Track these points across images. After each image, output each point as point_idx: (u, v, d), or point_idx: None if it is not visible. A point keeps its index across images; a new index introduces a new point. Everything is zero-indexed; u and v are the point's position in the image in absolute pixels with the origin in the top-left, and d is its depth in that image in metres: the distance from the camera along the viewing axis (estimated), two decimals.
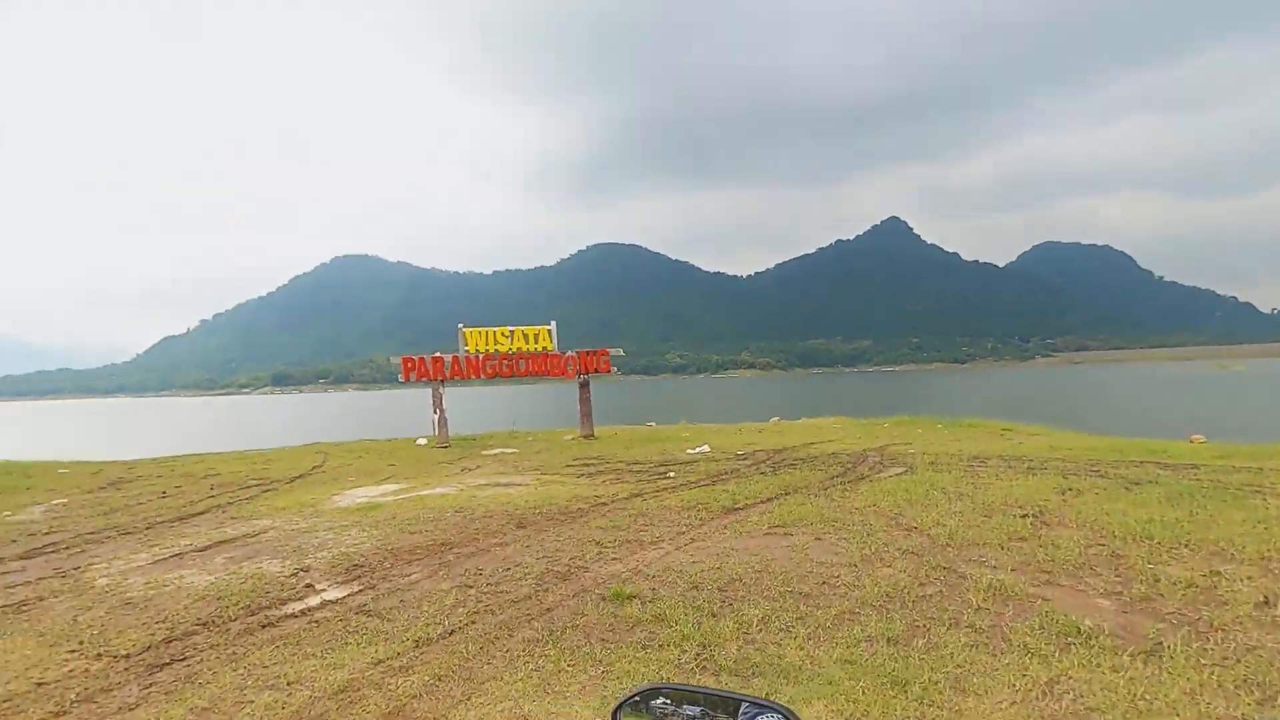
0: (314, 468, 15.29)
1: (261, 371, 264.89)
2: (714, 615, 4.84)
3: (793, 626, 4.58)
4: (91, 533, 8.87)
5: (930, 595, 5.05)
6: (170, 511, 10.31)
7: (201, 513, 10.07)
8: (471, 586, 5.72)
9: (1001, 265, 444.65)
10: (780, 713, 1.24)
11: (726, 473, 11.53)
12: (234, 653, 4.53)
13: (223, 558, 7.07)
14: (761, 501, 8.68)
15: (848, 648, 4.22)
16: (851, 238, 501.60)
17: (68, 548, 8.01)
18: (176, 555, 7.31)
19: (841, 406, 32.45)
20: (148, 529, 9.01)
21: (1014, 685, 3.67)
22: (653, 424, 25.97)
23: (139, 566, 6.88)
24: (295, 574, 6.31)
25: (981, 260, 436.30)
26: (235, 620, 5.14)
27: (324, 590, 5.83)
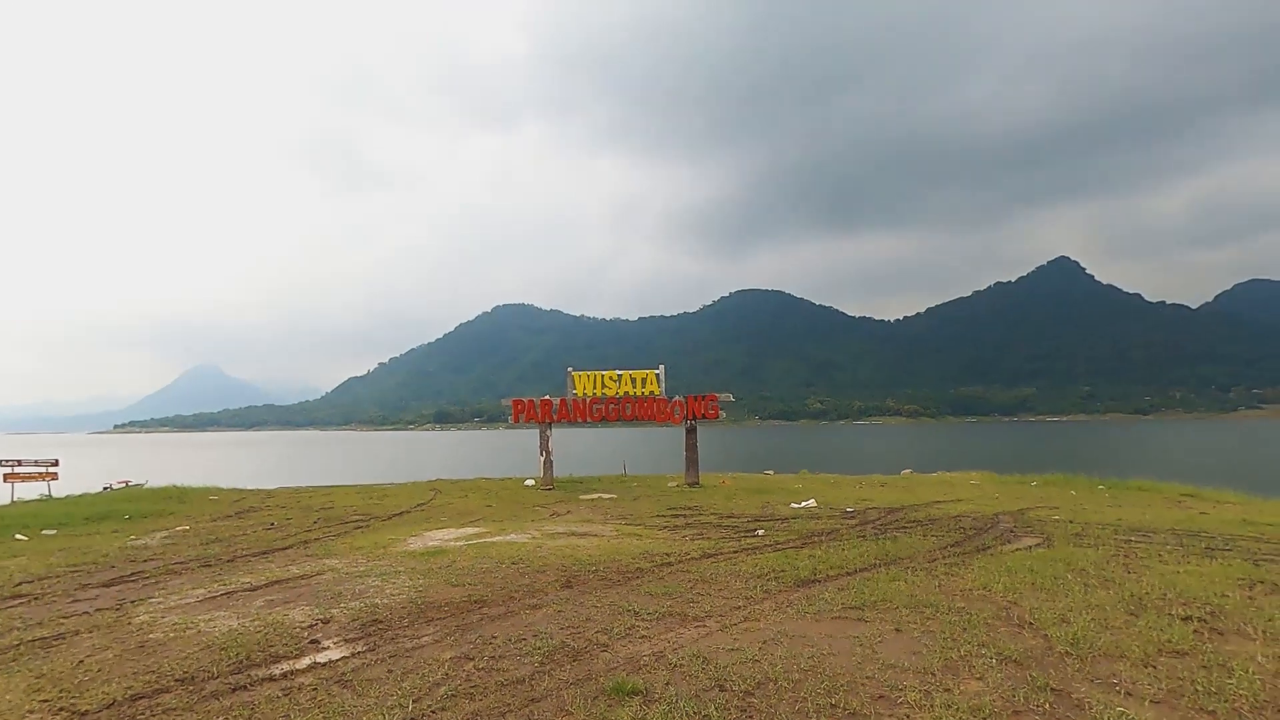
0: (418, 505, 15.55)
1: (426, 409, 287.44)
2: None
3: None
4: (180, 563, 9.23)
5: None
6: (262, 544, 10.63)
7: (286, 548, 10.27)
8: (472, 659, 5.07)
9: (1195, 307, 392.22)
10: None
11: (822, 534, 10.21)
12: None
13: (263, 600, 6.94)
14: (846, 574, 7.41)
15: None
16: (1013, 279, 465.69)
17: (147, 578, 8.31)
18: (227, 594, 7.29)
19: (988, 460, 29.15)
20: (229, 561, 9.25)
21: None
22: (770, 472, 24.53)
23: (185, 604, 6.89)
24: (313, 625, 5.99)
25: (1169, 301, 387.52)
26: (216, 678, 4.81)
27: (326, 648, 5.42)
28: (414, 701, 4.33)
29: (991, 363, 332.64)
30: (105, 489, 21.23)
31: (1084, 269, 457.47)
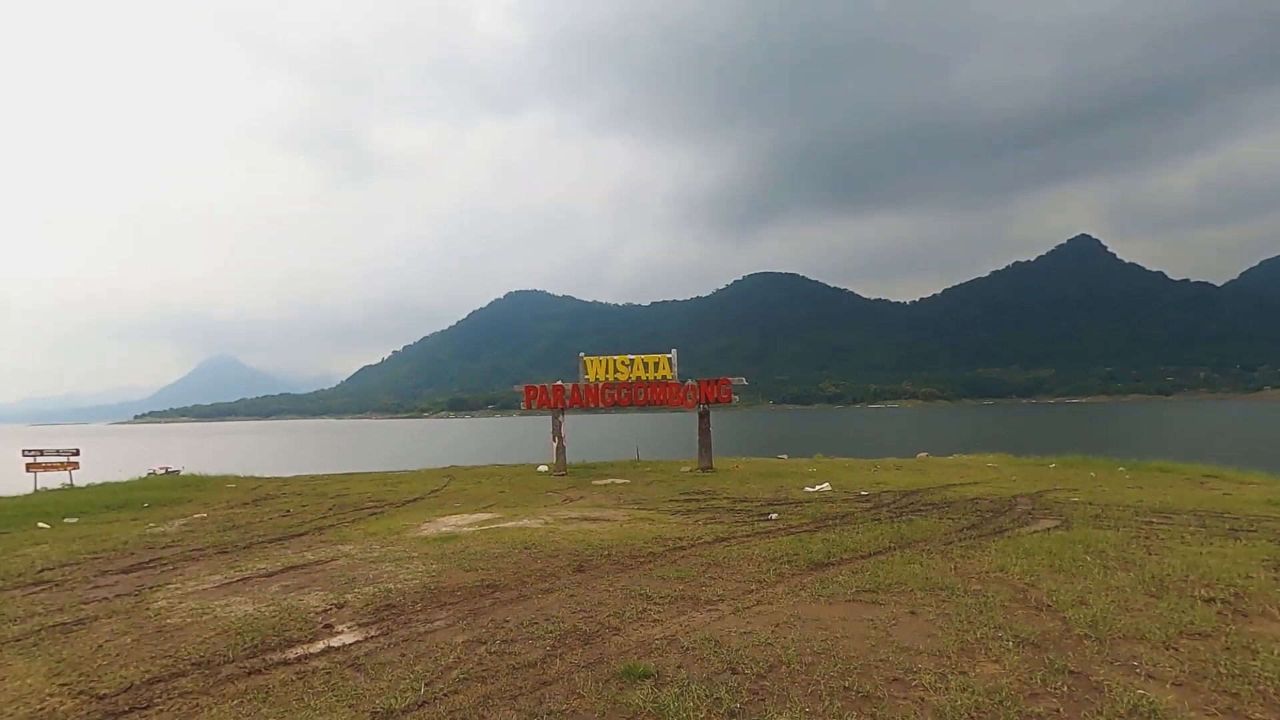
0: (432, 491, 15.63)
1: (440, 397, 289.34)
2: (731, 716, 3.81)
3: None
4: (198, 549, 9.33)
5: (1040, 716, 3.68)
6: (278, 530, 10.72)
7: (302, 534, 10.34)
8: (484, 643, 5.08)
9: (1220, 285, 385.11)
10: None
11: (836, 517, 10.15)
12: (198, 704, 4.18)
13: (279, 585, 6.99)
14: (860, 556, 7.35)
15: None
16: (1032, 259, 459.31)
17: (165, 564, 8.40)
18: (243, 579, 7.35)
19: (1005, 442, 28.89)
20: (246, 548, 9.33)
21: None
22: (784, 456, 24.45)
23: (203, 590, 6.96)
24: (327, 609, 6.03)
25: (1193, 279, 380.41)
26: (232, 662, 4.85)
27: (341, 633, 5.45)
28: (426, 684, 4.34)
29: (1009, 344, 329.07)
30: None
31: (1105, 247, 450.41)
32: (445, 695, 4.18)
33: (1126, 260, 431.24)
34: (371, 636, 5.34)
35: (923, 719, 3.70)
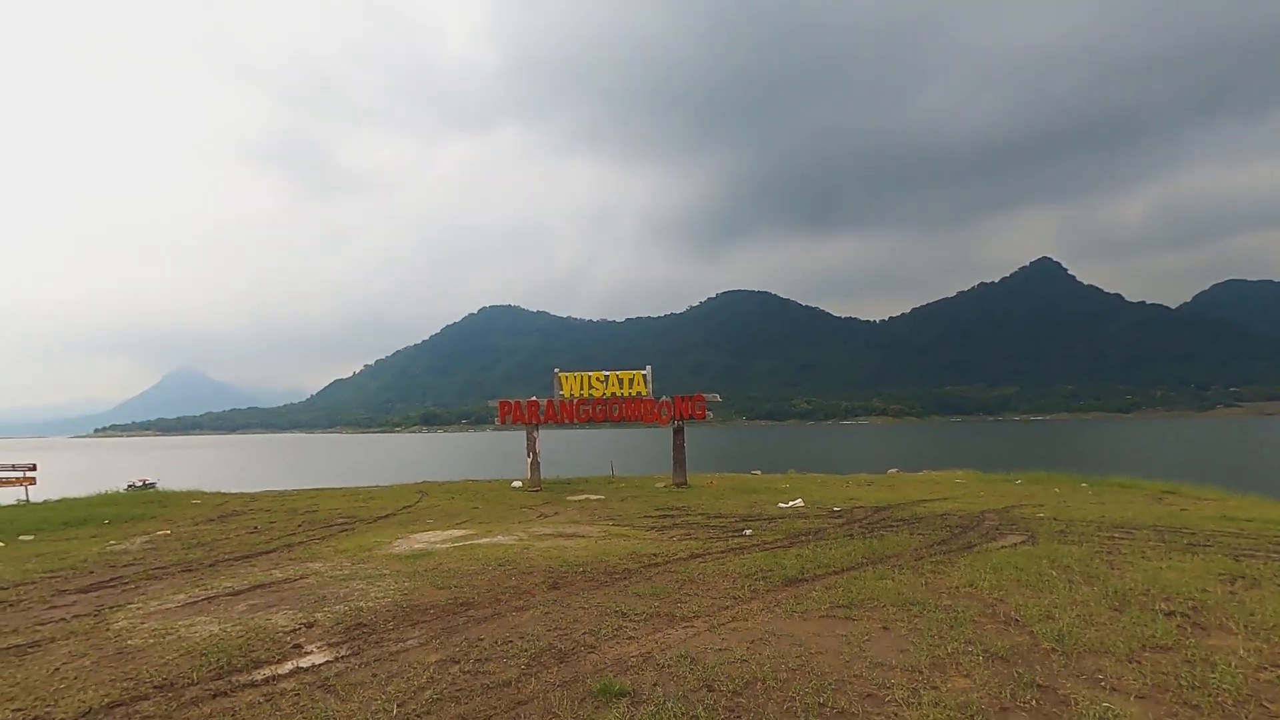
0: (404, 507, 15.41)
1: (413, 411, 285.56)
2: None
3: None
4: (160, 568, 9.08)
5: None
6: (245, 548, 10.47)
7: (270, 551, 10.13)
8: (458, 662, 5.02)
9: (1174, 307, 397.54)
10: None
11: (810, 533, 10.22)
12: None
13: (245, 605, 6.83)
14: (834, 572, 7.42)
15: None
16: (996, 280, 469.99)
17: (126, 583, 8.16)
18: (209, 598, 7.17)
19: (973, 458, 29.38)
20: (211, 566, 9.11)
21: None
22: (757, 472, 24.56)
23: (166, 609, 6.77)
24: (296, 629, 5.90)
25: (1149, 301, 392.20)
26: (196, 684, 4.72)
27: (310, 653, 5.34)
28: (398, 705, 4.28)
29: (975, 362, 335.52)
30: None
31: (1065, 269, 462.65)
32: (418, 716, 4.13)
33: (1086, 282, 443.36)
34: (342, 656, 5.24)
35: None
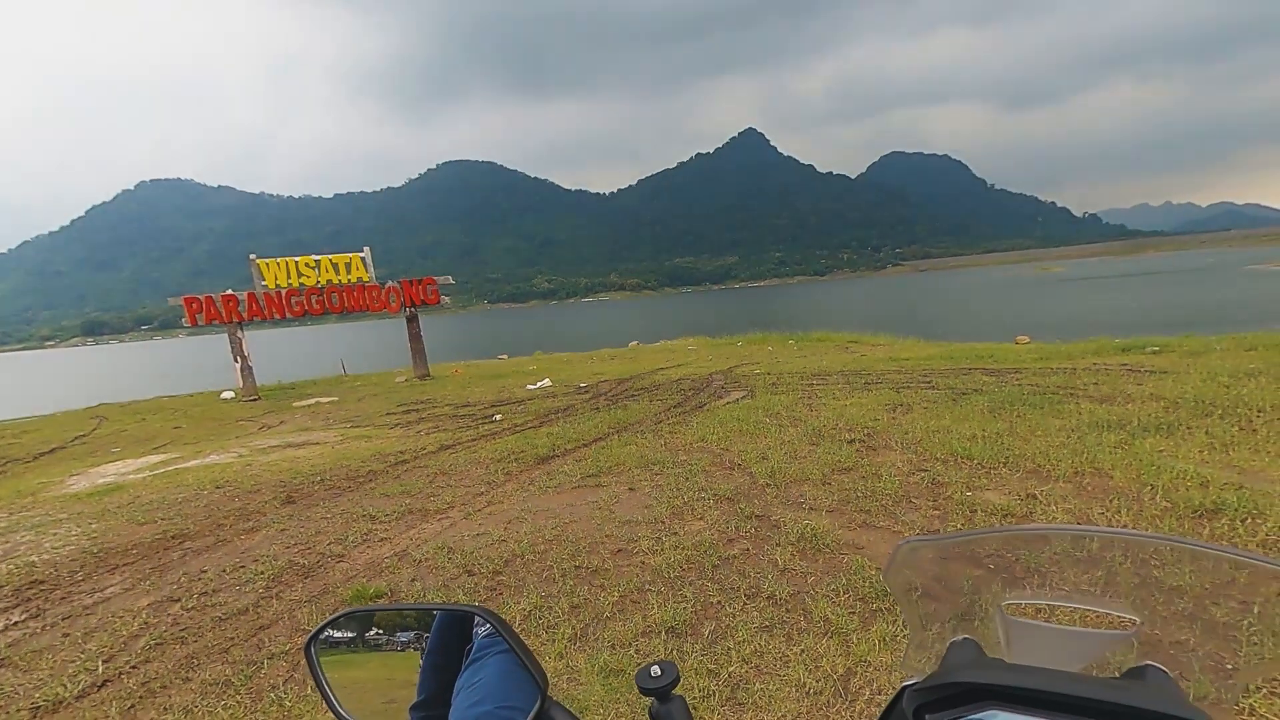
0: (76, 438, 12.89)
1: (68, 320, 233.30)
2: None
3: (561, 622, 3.68)
4: None
5: (735, 557, 4.31)
6: None
7: None
8: (178, 600, 4.40)
9: (854, 176, 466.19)
10: (477, 613, 0.88)
11: (558, 411, 10.57)
12: None
13: None
14: (583, 445, 7.78)
15: (616, 650, 3.36)
16: (711, 151, 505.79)
17: None
18: None
19: (702, 326, 32.47)
20: None
21: (803, 686, 2.94)
22: (504, 357, 24.64)
23: None
24: None
25: (836, 172, 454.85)
26: None
27: None
28: (105, 662, 3.65)
29: (699, 233, 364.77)
30: None
31: (769, 141, 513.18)
32: (134, 667, 3.57)
33: (785, 154, 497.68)
34: (16, 622, 4.30)
35: (644, 579, 4.11)
